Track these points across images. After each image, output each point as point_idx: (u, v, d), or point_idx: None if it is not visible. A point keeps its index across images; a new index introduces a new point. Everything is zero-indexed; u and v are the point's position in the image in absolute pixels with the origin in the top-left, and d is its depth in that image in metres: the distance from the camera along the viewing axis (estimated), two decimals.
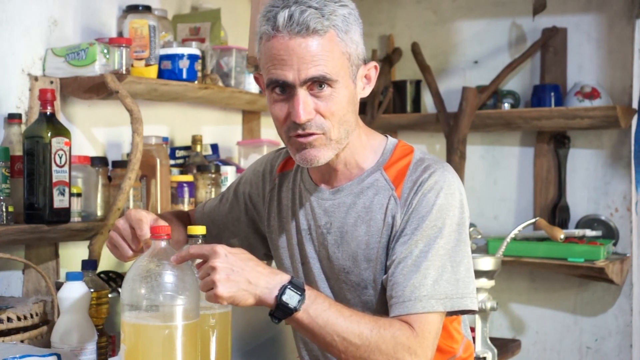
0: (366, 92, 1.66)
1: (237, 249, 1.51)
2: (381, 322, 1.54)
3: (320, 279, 1.72)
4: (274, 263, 1.86)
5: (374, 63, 1.66)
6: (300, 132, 1.57)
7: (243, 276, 1.47)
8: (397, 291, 1.57)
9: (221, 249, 1.48)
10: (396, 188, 1.64)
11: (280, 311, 1.48)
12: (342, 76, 1.57)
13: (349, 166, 1.68)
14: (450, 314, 1.61)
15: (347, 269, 1.67)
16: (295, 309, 1.48)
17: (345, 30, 1.56)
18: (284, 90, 1.57)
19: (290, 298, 1.47)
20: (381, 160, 1.69)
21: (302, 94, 1.55)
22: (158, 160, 2.51)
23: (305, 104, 1.54)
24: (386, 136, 1.74)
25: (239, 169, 2.90)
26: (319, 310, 1.50)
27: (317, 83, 1.55)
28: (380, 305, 1.66)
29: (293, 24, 1.52)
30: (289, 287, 1.48)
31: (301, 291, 1.49)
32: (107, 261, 2.52)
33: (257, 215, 1.87)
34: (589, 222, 3.32)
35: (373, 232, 1.65)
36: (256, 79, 1.68)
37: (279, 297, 1.47)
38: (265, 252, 1.92)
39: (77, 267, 2.06)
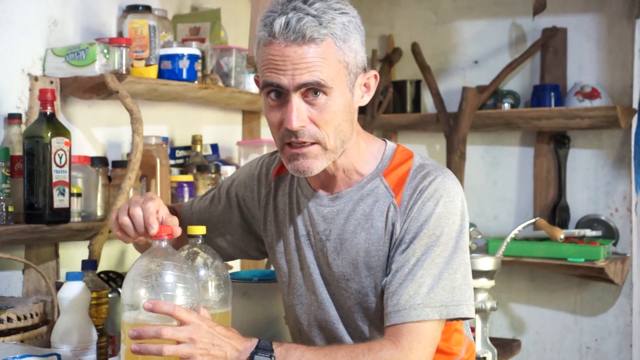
0: (365, 101, 1.64)
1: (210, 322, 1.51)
2: (359, 349, 1.53)
3: (320, 284, 1.71)
4: (272, 265, 1.86)
5: (374, 72, 1.64)
6: (293, 139, 1.55)
7: (222, 350, 1.48)
8: (392, 300, 1.57)
9: (205, 323, 1.48)
10: (396, 195, 1.63)
11: None
12: (338, 84, 1.54)
13: (347, 173, 1.67)
14: (448, 321, 1.61)
15: (347, 276, 1.67)
16: None
17: (344, 38, 1.54)
18: (279, 95, 1.55)
19: None
20: (380, 166, 1.67)
21: (296, 100, 1.53)
22: (158, 160, 2.51)
23: (298, 111, 1.53)
24: (385, 141, 1.72)
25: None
26: None
27: (312, 90, 1.53)
28: (382, 312, 1.65)
29: (289, 32, 1.50)
30: (256, 353, 1.49)
31: (270, 352, 1.49)
32: (107, 261, 2.53)
33: (253, 218, 1.85)
34: (589, 222, 3.32)
35: (373, 239, 1.64)
36: (256, 82, 1.66)
37: None
38: (256, 254, 1.91)
39: (77, 267, 2.06)
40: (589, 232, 3.21)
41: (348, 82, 1.57)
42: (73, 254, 2.40)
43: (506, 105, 3.37)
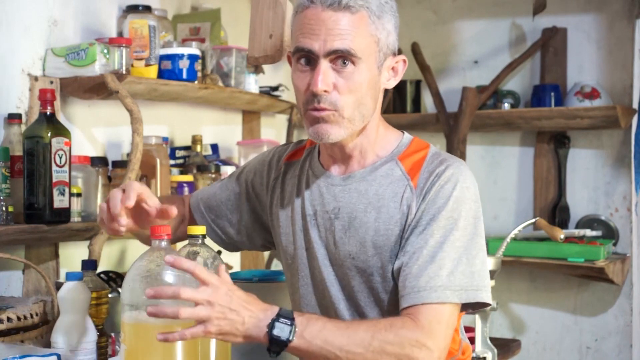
0: (391, 85, 1.69)
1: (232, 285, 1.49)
2: (381, 324, 1.53)
3: (325, 264, 1.71)
4: (274, 259, 1.86)
5: (402, 56, 1.69)
6: (315, 104, 1.58)
7: (239, 316, 1.45)
8: (411, 281, 1.57)
9: (224, 286, 1.46)
10: (412, 178, 1.65)
11: (275, 345, 1.47)
12: (367, 57, 1.59)
13: (363, 154, 1.70)
14: (465, 307, 1.61)
15: (353, 255, 1.67)
16: (289, 340, 1.47)
17: (379, 15, 1.60)
18: (309, 62, 1.60)
19: (281, 330, 1.46)
20: (396, 152, 1.70)
21: (325, 65, 1.57)
22: (158, 160, 2.51)
23: (324, 75, 1.57)
24: (402, 132, 1.76)
25: None
26: (314, 332, 1.49)
27: (341, 59, 1.57)
28: (386, 292, 1.66)
29: None
30: (277, 320, 1.46)
31: (291, 320, 1.48)
32: (107, 261, 2.53)
33: (260, 205, 1.87)
34: (589, 222, 3.32)
35: (384, 219, 1.65)
36: (288, 58, 1.70)
37: (269, 333, 1.46)
38: (262, 243, 1.92)
39: (77, 267, 2.06)
40: (589, 232, 3.21)
41: (377, 59, 1.61)
42: (73, 254, 2.40)
43: (506, 105, 3.37)
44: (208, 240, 1.82)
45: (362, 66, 1.59)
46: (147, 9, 2.50)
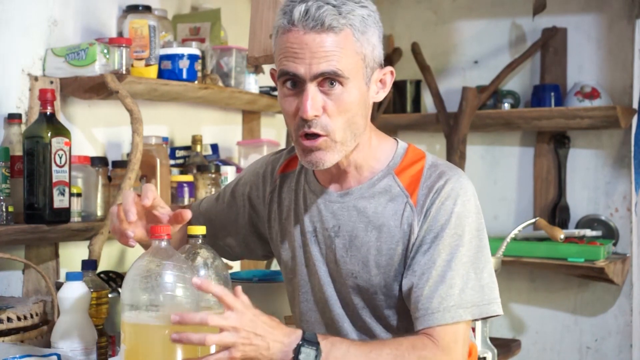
0: (380, 97, 1.64)
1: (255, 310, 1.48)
2: (403, 347, 1.52)
3: (327, 282, 1.70)
4: (275, 261, 1.85)
5: (390, 68, 1.64)
6: (306, 129, 1.55)
7: (264, 341, 1.44)
8: (423, 303, 1.56)
9: (249, 311, 1.44)
10: (411, 195, 1.63)
11: None
12: (355, 76, 1.55)
13: (358, 169, 1.67)
14: (476, 319, 1.62)
15: (355, 274, 1.66)
16: None
17: (362, 30, 1.55)
18: (295, 85, 1.55)
19: (307, 356, 1.45)
20: (392, 164, 1.67)
21: (312, 89, 1.53)
22: (158, 160, 2.51)
23: (313, 100, 1.53)
24: (396, 140, 1.72)
25: (239, 169, 2.90)
26: (339, 356, 1.48)
27: (328, 80, 1.53)
28: (390, 308, 1.65)
29: (308, 19, 1.51)
30: (303, 345, 1.45)
31: (316, 345, 1.47)
32: (107, 261, 2.53)
33: (257, 217, 1.85)
34: (589, 222, 3.33)
35: (385, 238, 1.63)
36: (272, 75, 1.66)
37: (295, 359, 1.45)
38: (263, 253, 1.90)
39: (77, 267, 2.06)
40: (589, 232, 3.21)
41: (364, 75, 1.57)
42: (73, 254, 2.40)
43: (506, 105, 3.37)
44: None
45: (350, 85, 1.54)
46: (147, 9, 2.50)
